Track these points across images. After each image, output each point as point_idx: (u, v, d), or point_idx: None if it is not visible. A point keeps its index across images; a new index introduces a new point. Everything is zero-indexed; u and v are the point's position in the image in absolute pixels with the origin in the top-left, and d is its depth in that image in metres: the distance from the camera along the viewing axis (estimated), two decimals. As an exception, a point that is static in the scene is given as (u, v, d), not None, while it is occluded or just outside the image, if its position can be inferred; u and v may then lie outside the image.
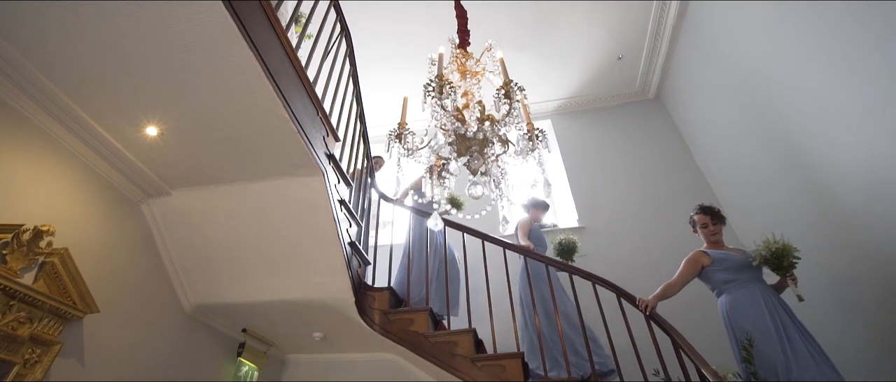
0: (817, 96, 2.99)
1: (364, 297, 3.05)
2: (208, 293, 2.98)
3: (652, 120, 5.34)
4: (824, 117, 2.97)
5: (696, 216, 2.89)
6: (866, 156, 2.70)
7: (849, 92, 2.73)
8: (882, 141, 2.56)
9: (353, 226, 2.96)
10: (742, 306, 2.47)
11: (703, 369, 2.08)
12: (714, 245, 2.79)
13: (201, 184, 2.54)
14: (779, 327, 2.32)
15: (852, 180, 2.84)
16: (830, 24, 2.76)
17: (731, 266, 2.59)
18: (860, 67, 2.60)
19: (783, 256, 2.43)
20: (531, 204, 3.93)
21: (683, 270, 2.69)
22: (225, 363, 3.29)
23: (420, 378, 3.48)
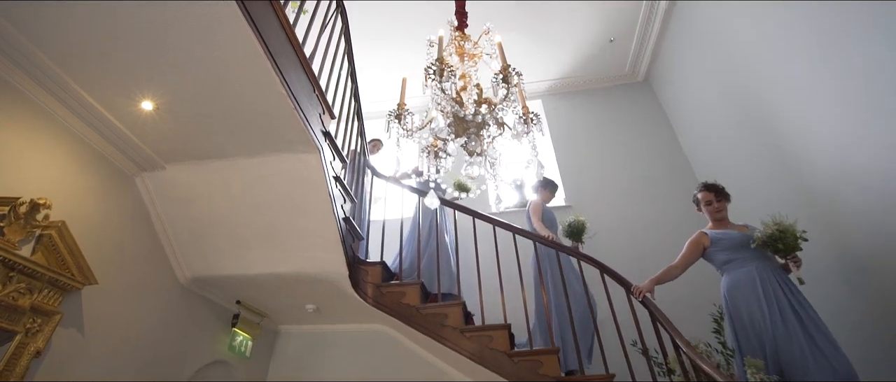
0: (797, 86, 3.10)
1: (357, 271, 3.13)
2: (203, 266, 3.02)
3: (640, 102, 5.44)
4: (802, 106, 3.09)
5: (700, 194, 2.82)
6: (837, 144, 2.84)
7: (826, 83, 2.85)
8: (852, 130, 2.70)
9: (347, 202, 3.01)
10: (738, 286, 2.45)
11: (676, 339, 2.23)
12: (719, 222, 2.72)
13: (196, 158, 2.55)
14: (773, 308, 2.29)
15: (824, 166, 2.98)
16: (814, 19, 2.85)
17: (729, 245, 2.55)
18: (838, 61, 2.72)
19: (779, 239, 2.36)
20: (541, 185, 3.86)
21: (685, 253, 2.66)
22: (220, 333, 3.36)
23: (410, 348, 3.61)
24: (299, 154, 2.42)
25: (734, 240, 2.55)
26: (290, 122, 2.22)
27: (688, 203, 4.48)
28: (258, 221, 2.77)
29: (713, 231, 2.67)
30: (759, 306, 2.33)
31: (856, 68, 2.61)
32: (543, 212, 3.60)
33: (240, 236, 2.86)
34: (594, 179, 4.91)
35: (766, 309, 2.30)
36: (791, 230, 2.37)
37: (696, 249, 2.65)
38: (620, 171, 4.93)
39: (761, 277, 2.39)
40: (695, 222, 4.29)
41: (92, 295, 2.36)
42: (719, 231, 2.65)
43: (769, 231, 2.39)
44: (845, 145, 2.77)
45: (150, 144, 2.49)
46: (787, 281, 2.40)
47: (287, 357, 3.87)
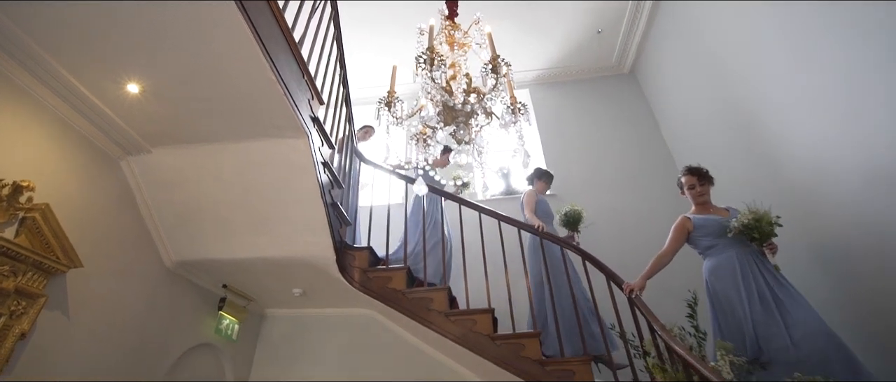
0: (777, 81, 3.20)
1: (345, 256, 3.17)
2: (189, 249, 3.02)
3: (625, 94, 5.52)
4: (781, 102, 3.19)
5: (684, 177, 2.84)
6: (813, 139, 2.95)
7: (804, 81, 2.94)
8: (828, 126, 2.81)
9: (335, 188, 3.03)
10: (718, 271, 2.51)
11: (652, 323, 2.33)
12: (701, 206, 2.75)
13: (183, 142, 2.54)
14: (751, 292, 2.34)
15: (800, 159, 3.09)
16: (795, 19, 2.94)
17: (711, 231, 2.59)
18: (817, 59, 2.81)
19: (754, 228, 2.40)
20: (536, 176, 3.85)
21: (672, 238, 2.70)
22: (206, 316, 3.38)
23: (396, 332, 3.68)
24: (288, 139, 2.43)
25: (716, 225, 2.58)
26: (279, 108, 2.22)
27: (669, 194, 4.63)
28: (245, 205, 2.77)
29: (696, 216, 2.71)
30: (738, 291, 2.38)
31: (833, 66, 2.71)
32: (537, 203, 3.60)
33: (227, 220, 2.87)
34: (579, 169, 5.00)
35: (745, 293, 2.36)
36: (766, 217, 2.42)
37: (681, 234, 2.69)
38: (605, 162, 5.02)
39: (741, 262, 2.44)
40: (675, 211, 4.45)
41: (77, 278, 2.35)
42: (702, 216, 2.69)
43: (744, 220, 2.44)
44: (820, 140, 2.88)
45: (135, 127, 2.47)
46: (766, 265, 2.45)
47: (273, 341, 3.91)
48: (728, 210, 2.70)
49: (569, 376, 2.53)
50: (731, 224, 2.50)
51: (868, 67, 2.48)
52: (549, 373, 2.55)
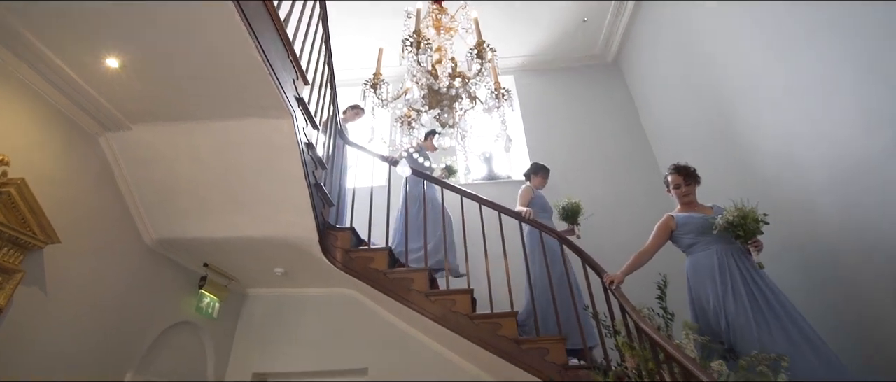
0: (753, 76, 3.30)
1: (327, 236, 3.20)
2: (170, 228, 3.00)
3: (608, 83, 5.61)
4: (756, 95, 3.30)
5: (670, 176, 2.83)
6: (784, 132, 3.08)
7: (779, 75, 3.05)
8: (797, 118, 2.93)
9: (318, 168, 3.04)
10: (698, 269, 2.53)
11: (624, 304, 2.44)
12: (687, 205, 2.76)
13: (164, 120, 2.50)
14: (726, 288, 2.37)
15: (770, 151, 3.22)
16: (773, 17, 3.03)
17: (693, 228, 2.60)
18: (791, 55, 2.92)
19: (739, 225, 2.39)
20: (532, 171, 3.81)
21: (654, 237, 2.72)
22: (186, 295, 3.38)
23: (377, 312, 3.75)
24: (272, 119, 2.42)
25: (699, 224, 2.59)
26: (264, 87, 2.21)
27: (646, 183, 4.78)
28: (228, 184, 2.77)
29: (679, 214, 2.72)
30: (714, 288, 2.41)
31: (805, 64, 2.82)
32: (533, 198, 3.58)
33: (208, 199, 2.86)
34: (560, 155, 5.09)
35: (720, 290, 2.39)
36: (751, 215, 2.40)
37: (664, 233, 2.71)
38: (585, 149, 5.12)
39: (721, 260, 2.46)
40: (650, 200, 4.60)
41: (55, 254, 2.33)
42: (685, 214, 2.70)
43: (730, 217, 2.42)
44: (789, 135, 3.00)
45: (115, 104, 2.43)
46: (747, 263, 2.45)
47: (255, 319, 3.93)
48: (712, 208, 2.71)
49: (543, 354, 2.63)
50: (716, 221, 2.49)
51: (838, 66, 2.59)
52: (525, 351, 2.66)
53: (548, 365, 2.62)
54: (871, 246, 2.48)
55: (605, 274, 2.76)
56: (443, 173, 4.24)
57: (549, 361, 2.63)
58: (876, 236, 2.45)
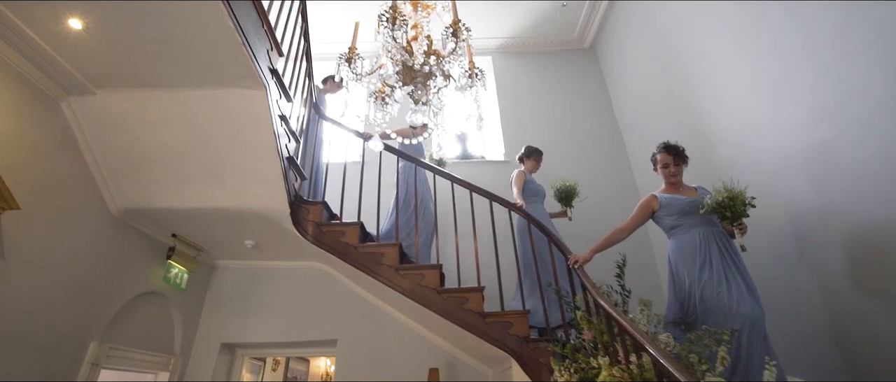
0: (715, 70, 3.45)
1: (299, 209, 3.21)
2: (137, 197, 2.95)
3: (583, 68, 5.71)
4: (720, 84, 3.44)
5: (659, 154, 2.77)
6: (739, 122, 3.24)
7: (737, 69, 3.20)
8: (752, 109, 3.09)
9: (292, 142, 3.03)
10: (679, 252, 2.53)
11: (585, 281, 2.56)
12: (672, 186, 2.72)
13: (131, 86, 2.44)
14: (704, 268, 2.38)
15: (727, 140, 3.39)
16: (736, 11, 3.15)
17: (677, 210, 2.58)
18: (750, 50, 3.06)
19: (727, 206, 2.38)
20: (525, 154, 3.75)
21: (635, 215, 2.70)
22: (154, 265, 3.35)
23: (347, 286, 3.81)
24: (244, 90, 2.39)
25: (682, 205, 2.57)
26: (237, 56, 2.18)
27: (614, 166, 4.94)
28: (198, 155, 2.73)
29: (664, 194, 2.69)
30: (694, 269, 2.42)
31: (763, 59, 2.96)
32: (526, 183, 3.54)
33: (177, 169, 2.82)
34: (532, 137, 5.16)
35: (697, 271, 2.40)
36: (740, 197, 2.38)
37: (644, 212, 2.69)
38: (557, 133, 5.23)
39: (702, 242, 2.46)
40: (619, 183, 4.77)
41: (13, 220, 2.28)
42: (669, 195, 2.66)
43: (719, 198, 2.40)
44: (745, 124, 3.17)
45: (78, 67, 2.34)
46: (729, 246, 2.46)
47: (224, 291, 3.93)
48: (697, 189, 2.69)
49: (506, 327, 2.75)
50: (704, 201, 2.48)
51: (790, 61, 2.75)
52: (490, 325, 2.77)
53: (511, 338, 2.75)
54: (815, 227, 2.65)
55: (570, 254, 2.83)
56: (435, 162, 4.25)
57: (513, 334, 2.76)
58: (821, 219, 2.62)
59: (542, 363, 2.63)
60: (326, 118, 3.81)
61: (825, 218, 2.60)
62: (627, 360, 2.06)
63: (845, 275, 2.49)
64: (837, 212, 2.52)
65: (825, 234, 2.60)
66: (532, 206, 3.39)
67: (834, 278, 2.56)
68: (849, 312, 2.49)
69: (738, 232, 2.42)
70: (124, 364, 3.13)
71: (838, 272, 2.53)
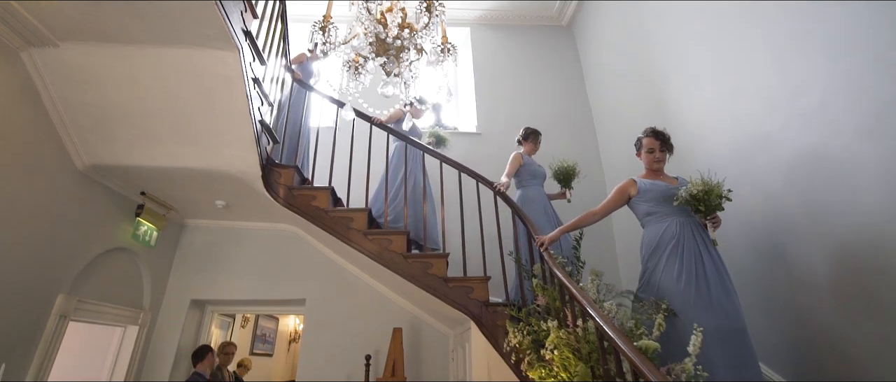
0: (681, 56, 3.59)
1: (271, 173, 3.26)
2: (104, 153, 2.93)
3: (559, 46, 5.79)
4: (682, 74, 3.59)
5: (645, 139, 2.66)
6: (699, 108, 3.42)
7: (702, 57, 3.35)
8: (712, 97, 3.27)
9: (264, 105, 3.04)
10: (652, 241, 2.46)
11: (543, 252, 2.73)
12: (653, 173, 2.63)
13: (98, 41, 2.37)
14: (676, 260, 2.31)
15: (688, 126, 3.57)
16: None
17: (655, 197, 2.50)
18: (714, 39, 3.20)
19: (701, 200, 2.32)
20: (522, 136, 3.69)
21: (610, 198, 2.64)
22: (122, 222, 3.35)
23: (317, 248, 3.91)
24: (216, 51, 2.38)
25: (660, 193, 2.49)
26: (209, 16, 2.16)
27: (582, 145, 5.10)
28: (169, 114, 2.72)
29: (643, 180, 2.61)
30: (667, 261, 2.35)
31: (725, 48, 3.11)
32: (524, 166, 3.50)
33: (147, 127, 2.80)
34: (505, 110, 5.30)
35: (668, 255, 2.35)
36: (716, 190, 2.32)
37: (620, 197, 2.62)
38: (529, 107, 5.35)
39: (677, 231, 2.39)
40: (585, 163, 4.92)
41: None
42: (650, 181, 2.58)
43: (694, 190, 2.34)
44: (705, 111, 3.35)
45: (38, 16, 2.26)
46: (703, 237, 2.40)
47: (194, 250, 3.97)
48: (677, 179, 2.62)
49: (468, 291, 2.94)
50: (679, 192, 2.41)
51: (749, 52, 2.90)
52: (451, 289, 2.95)
53: (472, 302, 2.93)
54: (754, 214, 2.87)
55: (537, 237, 2.82)
56: (430, 140, 4.29)
57: (473, 298, 2.94)
58: (760, 208, 2.82)
59: (499, 325, 2.83)
60: (304, 85, 3.79)
61: (764, 206, 2.81)
62: (574, 324, 2.26)
63: (778, 263, 2.69)
64: (777, 201, 2.71)
65: (763, 221, 2.81)
66: (531, 189, 3.44)
67: (770, 265, 2.75)
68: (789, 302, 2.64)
69: (710, 226, 2.39)
70: (93, 317, 3.18)
71: (774, 258, 2.73)
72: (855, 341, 2.24)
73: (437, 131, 4.33)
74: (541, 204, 3.36)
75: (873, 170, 2.13)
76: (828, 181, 2.38)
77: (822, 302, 2.42)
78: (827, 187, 2.39)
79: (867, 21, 2.16)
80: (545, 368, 2.29)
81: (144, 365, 3.57)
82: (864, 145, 2.18)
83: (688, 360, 1.86)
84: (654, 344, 2.00)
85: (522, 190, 3.47)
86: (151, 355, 3.62)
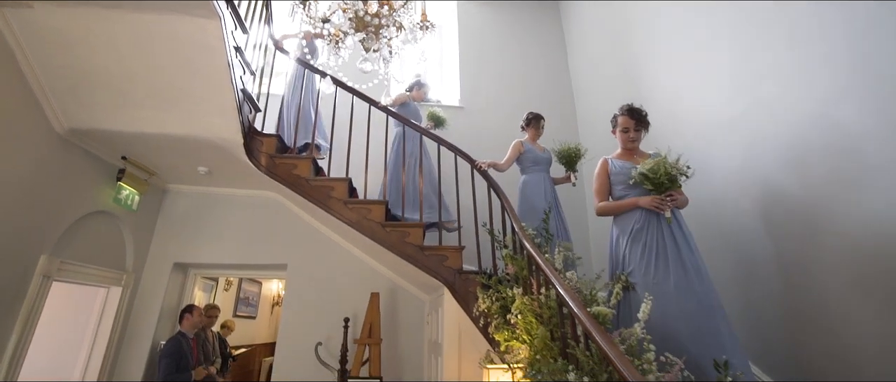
0: (659, 38, 3.68)
1: (253, 141, 3.31)
2: (84, 118, 2.94)
3: (545, 23, 5.82)
4: (657, 55, 3.70)
5: (620, 117, 2.60)
6: (671, 89, 3.55)
7: (677, 40, 3.45)
8: (683, 77, 3.38)
9: (246, 73, 3.06)
10: (622, 226, 2.46)
11: (514, 223, 2.88)
12: (628, 152, 2.60)
13: (75, 1, 2.37)
14: (638, 244, 2.32)
15: (659, 105, 3.69)
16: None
17: (624, 179, 2.48)
18: (689, 21, 3.31)
19: (647, 178, 2.31)
20: (524, 122, 3.67)
21: (598, 184, 2.62)
22: (103, 186, 3.38)
23: (298, 215, 4.01)
24: (197, 18, 2.38)
25: (628, 174, 2.45)
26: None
27: (560, 120, 5.21)
28: (149, 80, 2.72)
29: (616, 160, 2.60)
30: (631, 246, 2.35)
31: (697, 31, 3.22)
32: (525, 153, 3.50)
33: (127, 93, 2.80)
34: (488, 83, 5.37)
35: (630, 245, 2.36)
36: (663, 167, 2.27)
37: (605, 178, 2.60)
38: (512, 80, 5.43)
39: (643, 217, 2.37)
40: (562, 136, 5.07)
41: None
42: (622, 161, 2.56)
43: (644, 168, 2.31)
44: (677, 91, 3.47)
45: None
46: (680, 224, 2.34)
47: (177, 214, 4.03)
48: (652, 156, 2.51)
49: (442, 259, 3.09)
50: (632, 172, 2.41)
51: (717, 36, 3.02)
52: (427, 256, 3.10)
53: (445, 269, 3.10)
54: (717, 196, 3.02)
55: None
56: (429, 124, 4.30)
57: (447, 266, 3.10)
58: (721, 191, 2.98)
59: (471, 292, 3.00)
60: (281, 49, 3.79)
61: (725, 188, 2.98)
62: (538, 291, 2.43)
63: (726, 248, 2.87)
64: (736, 184, 2.86)
65: (724, 202, 2.95)
66: (534, 176, 3.48)
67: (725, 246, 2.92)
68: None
69: (670, 202, 2.30)
70: (76, 278, 3.26)
71: (721, 239, 2.92)
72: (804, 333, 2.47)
73: (435, 112, 4.38)
74: (541, 189, 3.41)
75: (819, 155, 2.30)
76: (784, 164, 2.52)
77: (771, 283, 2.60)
78: (782, 170, 2.53)
79: (826, 18, 2.28)
80: (510, 330, 2.48)
81: (129, 324, 3.68)
82: (814, 132, 2.34)
83: (636, 325, 2.05)
84: (607, 310, 2.16)
85: (525, 176, 3.52)
86: (135, 315, 3.73)
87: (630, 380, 1.45)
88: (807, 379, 2.32)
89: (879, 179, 2.01)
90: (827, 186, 2.26)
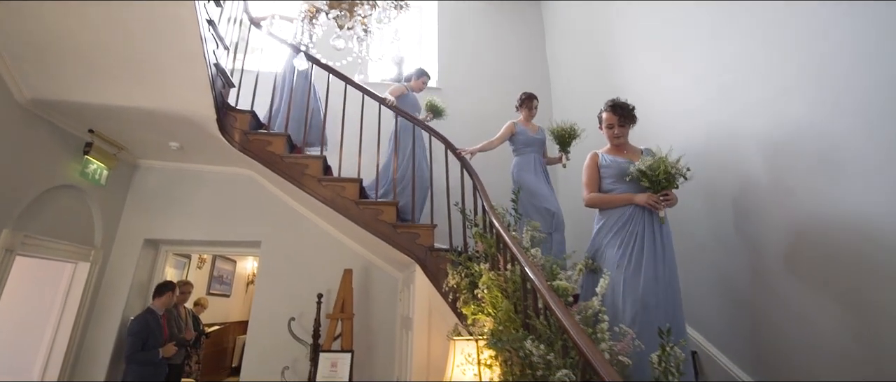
0: (641, 41, 3.70)
1: (226, 116, 3.29)
2: (48, 88, 2.86)
3: (527, 16, 5.88)
4: (637, 47, 3.75)
5: (604, 113, 2.61)
6: (644, 80, 3.62)
7: (656, 39, 3.49)
8: (658, 71, 3.46)
9: (220, 48, 3.03)
10: (608, 222, 2.46)
11: (485, 203, 2.97)
12: (616, 148, 2.60)
13: (40, -35, 2.30)
14: (622, 243, 2.32)
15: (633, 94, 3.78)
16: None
17: (614, 173, 2.49)
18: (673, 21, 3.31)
19: (644, 176, 2.32)
20: (518, 103, 3.68)
21: (587, 178, 2.60)
22: (69, 160, 3.31)
23: (272, 192, 4.02)
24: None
25: (622, 168, 2.46)
26: (159, -47, 2.14)
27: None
28: (118, 52, 2.65)
29: (606, 155, 2.60)
30: (610, 240, 2.38)
31: (673, 28, 3.28)
32: (518, 134, 3.53)
33: (95, 63, 2.73)
34: (465, 69, 5.42)
35: (609, 239, 2.39)
36: (662, 166, 2.27)
37: (595, 171, 2.59)
38: (489, 67, 5.49)
39: (626, 212, 2.38)
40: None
41: None
42: (611, 157, 2.57)
43: (643, 165, 2.32)
44: (650, 83, 3.54)
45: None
46: (653, 218, 2.36)
47: (147, 190, 3.98)
48: (642, 152, 2.57)
49: (415, 238, 3.17)
50: (630, 169, 2.40)
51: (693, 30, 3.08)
52: (399, 234, 3.17)
53: (417, 247, 3.18)
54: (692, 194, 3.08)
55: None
56: (427, 116, 4.31)
57: (419, 244, 3.19)
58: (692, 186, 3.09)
59: (441, 268, 3.10)
60: (256, 24, 3.73)
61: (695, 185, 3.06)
62: (505, 267, 2.54)
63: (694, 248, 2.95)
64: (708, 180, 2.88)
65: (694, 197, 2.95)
66: (525, 157, 3.52)
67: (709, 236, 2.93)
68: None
69: (663, 203, 2.33)
70: (41, 253, 3.20)
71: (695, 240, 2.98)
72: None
73: (433, 102, 4.38)
74: (532, 170, 3.46)
75: (768, 144, 2.44)
76: (742, 153, 2.61)
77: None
78: (742, 159, 2.61)
79: (781, 14, 2.38)
80: (477, 304, 2.58)
81: (97, 300, 3.65)
82: (766, 122, 2.46)
83: (594, 299, 2.18)
84: (567, 285, 2.30)
85: (517, 157, 3.57)
86: (104, 291, 3.69)
87: (580, 344, 1.57)
88: (771, 380, 2.38)
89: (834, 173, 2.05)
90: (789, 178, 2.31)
